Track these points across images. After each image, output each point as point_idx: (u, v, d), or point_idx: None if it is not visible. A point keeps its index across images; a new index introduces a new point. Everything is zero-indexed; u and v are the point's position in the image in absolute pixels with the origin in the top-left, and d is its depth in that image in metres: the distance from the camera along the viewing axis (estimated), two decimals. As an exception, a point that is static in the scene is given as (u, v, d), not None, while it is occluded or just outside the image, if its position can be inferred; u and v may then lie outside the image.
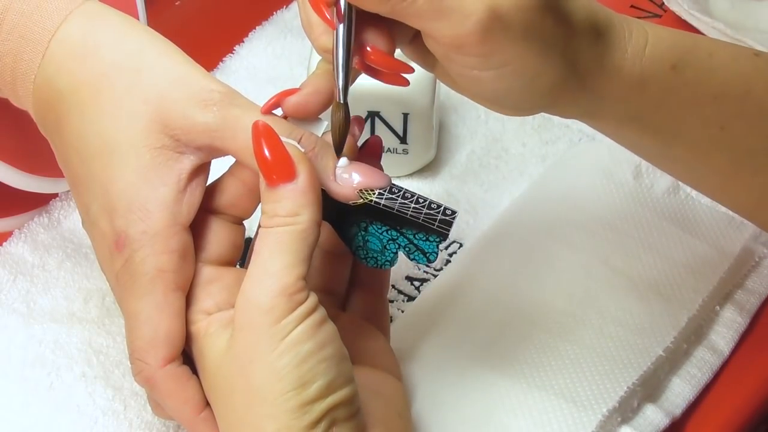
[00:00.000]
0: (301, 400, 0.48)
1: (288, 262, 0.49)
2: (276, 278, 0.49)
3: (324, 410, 0.49)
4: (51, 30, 0.54)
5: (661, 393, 0.63)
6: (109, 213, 0.53)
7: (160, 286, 0.52)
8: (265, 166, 0.50)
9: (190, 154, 0.53)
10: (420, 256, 0.56)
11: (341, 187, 0.53)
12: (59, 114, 0.54)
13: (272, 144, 0.50)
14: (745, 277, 0.69)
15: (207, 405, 0.53)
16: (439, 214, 0.54)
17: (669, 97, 0.54)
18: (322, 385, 0.48)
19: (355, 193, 0.53)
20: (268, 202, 0.51)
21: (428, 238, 0.55)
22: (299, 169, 0.50)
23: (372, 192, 0.53)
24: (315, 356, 0.49)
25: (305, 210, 0.50)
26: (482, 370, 0.62)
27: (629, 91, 0.53)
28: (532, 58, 0.50)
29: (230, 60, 0.86)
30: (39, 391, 0.63)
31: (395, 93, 0.71)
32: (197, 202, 0.53)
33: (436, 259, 0.56)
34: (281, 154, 0.50)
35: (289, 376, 0.48)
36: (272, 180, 0.50)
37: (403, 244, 0.55)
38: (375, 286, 0.61)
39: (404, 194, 0.54)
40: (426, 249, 0.56)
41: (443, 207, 0.55)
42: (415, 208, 0.54)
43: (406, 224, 0.55)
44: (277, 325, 0.48)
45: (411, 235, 0.55)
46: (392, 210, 0.54)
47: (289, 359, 0.48)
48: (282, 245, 0.50)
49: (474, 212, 0.74)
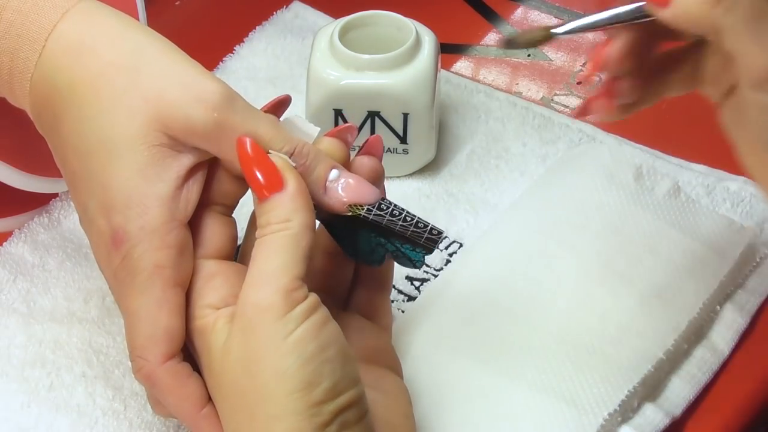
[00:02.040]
0: (309, 402, 0.48)
1: (283, 263, 0.50)
2: (272, 278, 0.49)
3: (334, 412, 0.49)
4: (48, 28, 0.54)
5: (661, 392, 0.63)
6: (106, 210, 0.53)
7: (158, 282, 0.52)
8: (254, 181, 0.51)
9: (188, 153, 0.53)
10: (406, 261, 0.57)
11: (331, 200, 0.54)
12: (56, 112, 0.54)
13: (258, 159, 0.51)
14: (746, 277, 0.69)
15: (209, 402, 0.53)
16: (425, 233, 0.55)
17: None
18: (328, 386, 0.48)
19: (345, 207, 0.54)
20: (261, 214, 0.51)
21: (415, 249, 0.56)
22: (286, 177, 0.51)
23: (361, 207, 0.54)
24: (319, 357, 0.49)
25: (296, 215, 0.51)
26: (482, 372, 0.62)
27: None
28: None
29: (230, 60, 0.86)
30: (39, 391, 0.63)
31: (395, 93, 0.72)
32: (195, 199, 0.54)
33: (422, 266, 0.57)
34: (268, 168, 0.51)
35: (294, 377, 0.48)
36: (263, 195, 0.51)
37: (391, 250, 0.56)
38: (378, 282, 0.61)
39: (392, 211, 0.55)
40: (412, 257, 0.57)
41: (430, 227, 0.56)
42: (402, 225, 0.55)
43: (394, 236, 0.55)
44: (276, 323, 0.49)
45: (398, 244, 0.56)
46: (380, 224, 0.54)
47: (294, 360, 0.48)
48: (276, 249, 0.50)
49: (474, 212, 0.74)
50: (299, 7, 0.90)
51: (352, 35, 0.74)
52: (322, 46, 0.74)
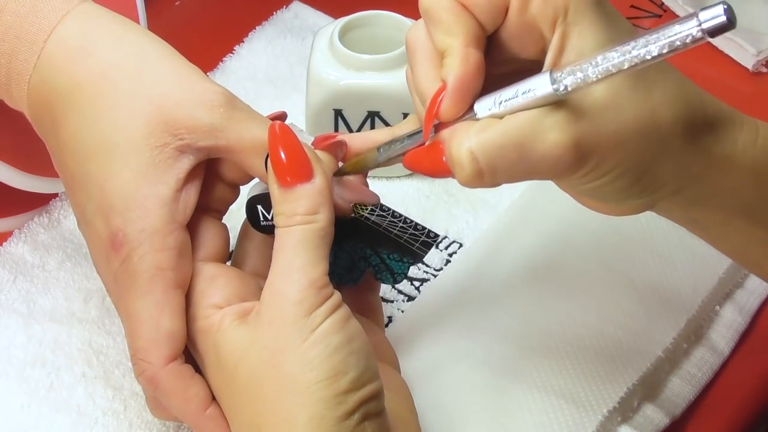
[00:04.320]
0: (334, 390, 0.49)
1: (312, 258, 0.50)
2: (303, 272, 0.50)
3: (357, 402, 0.49)
4: (47, 30, 0.54)
5: (661, 392, 0.64)
6: (105, 212, 0.53)
7: (159, 284, 0.52)
8: (281, 168, 0.51)
9: (190, 154, 0.53)
10: (387, 276, 0.58)
11: (337, 199, 0.54)
12: (55, 114, 0.54)
13: (290, 145, 0.51)
14: (745, 276, 0.69)
15: (213, 402, 0.53)
16: (422, 236, 0.56)
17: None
18: (353, 376, 0.49)
19: (350, 207, 0.54)
20: (285, 202, 0.51)
21: (402, 259, 0.56)
22: (316, 170, 0.51)
23: (365, 207, 0.54)
24: (345, 348, 0.49)
25: (323, 209, 0.51)
26: (482, 371, 0.62)
27: (741, 180, 0.51)
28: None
29: (230, 60, 0.86)
30: (39, 391, 0.63)
31: (395, 93, 0.71)
32: (193, 201, 0.54)
33: (402, 281, 0.57)
34: (299, 155, 0.51)
35: (320, 366, 0.49)
36: (286, 181, 0.51)
37: (374, 263, 0.57)
38: (367, 284, 0.61)
39: (393, 213, 0.56)
40: (395, 269, 0.57)
41: (427, 230, 0.57)
42: (401, 227, 0.56)
43: (384, 244, 0.56)
44: (307, 317, 0.49)
45: (385, 254, 0.56)
46: (379, 227, 0.55)
47: (320, 350, 0.49)
48: (304, 242, 0.50)
49: (474, 212, 0.74)
50: (299, 7, 0.90)
51: (352, 35, 0.74)
52: (322, 46, 0.74)
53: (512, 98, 0.47)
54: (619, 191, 0.49)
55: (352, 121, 0.73)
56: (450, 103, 0.49)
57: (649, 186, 0.50)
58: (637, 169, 0.48)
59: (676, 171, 0.50)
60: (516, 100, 0.47)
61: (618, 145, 0.47)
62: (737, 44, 0.86)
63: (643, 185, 0.49)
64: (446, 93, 0.49)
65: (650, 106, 0.48)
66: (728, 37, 0.86)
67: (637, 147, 0.48)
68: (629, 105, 0.47)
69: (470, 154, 0.47)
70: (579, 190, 0.51)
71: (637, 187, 0.49)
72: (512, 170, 0.47)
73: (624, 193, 0.50)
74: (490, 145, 0.47)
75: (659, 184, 0.50)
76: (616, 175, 0.48)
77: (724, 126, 0.51)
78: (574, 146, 0.46)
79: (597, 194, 0.50)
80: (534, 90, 0.46)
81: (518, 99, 0.47)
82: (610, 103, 0.47)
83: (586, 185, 0.49)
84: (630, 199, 0.51)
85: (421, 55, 0.51)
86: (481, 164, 0.47)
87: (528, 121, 0.46)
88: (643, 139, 0.48)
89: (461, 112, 0.49)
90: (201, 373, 0.54)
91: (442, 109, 0.49)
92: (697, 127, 0.50)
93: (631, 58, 0.43)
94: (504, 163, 0.47)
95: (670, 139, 0.49)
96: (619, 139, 0.47)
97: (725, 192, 0.52)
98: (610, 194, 0.50)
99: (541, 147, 0.46)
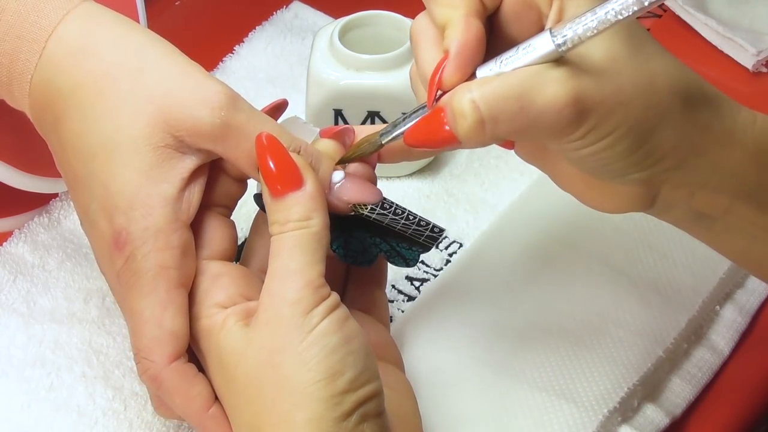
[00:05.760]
0: (332, 391, 0.49)
1: (308, 260, 0.51)
2: (299, 274, 0.50)
3: (355, 402, 0.49)
4: (48, 30, 0.54)
5: (662, 392, 0.64)
6: (108, 211, 0.53)
7: (162, 283, 0.52)
8: (270, 177, 0.52)
9: (192, 155, 0.53)
10: (400, 261, 0.57)
11: (335, 200, 0.54)
12: (57, 113, 0.54)
13: (278, 155, 0.52)
14: (745, 276, 0.69)
15: (215, 401, 0.53)
16: (426, 231, 0.56)
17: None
18: (351, 377, 0.49)
19: (348, 207, 0.54)
20: (278, 211, 0.52)
21: (411, 248, 0.56)
22: (306, 176, 0.52)
23: (364, 206, 0.54)
24: (343, 348, 0.49)
25: (316, 214, 0.51)
26: (482, 371, 0.62)
27: (744, 161, 0.51)
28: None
29: (230, 60, 0.86)
30: (39, 391, 0.63)
31: (395, 93, 0.71)
32: (197, 200, 0.54)
33: (414, 265, 0.57)
34: (288, 164, 0.52)
35: (318, 367, 0.49)
36: (277, 190, 0.52)
37: (385, 249, 0.57)
38: (373, 278, 0.61)
39: (395, 210, 0.55)
40: (407, 256, 0.57)
41: (432, 224, 0.56)
42: (404, 224, 0.56)
43: (391, 235, 0.56)
44: (304, 317, 0.49)
45: (394, 243, 0.56)
46: (382, 224, 0.55)
47: (318, 350, 0.49)
48: (299, 246, 0.51)
49: (474, 212, 0.74)
50: (299, 7, 0.90)
51: (351, 35, 0.74)
52: (322, 46, 0.74)
53: (513, 56, 0.48)
54: (620, 158, 0.49)
55: (352, 121, 0.73)
56: (452, 70, 0.49)
57: (650, 155, 0.50)
58: (636, 133, 0.49)
59: (677, 141, 0.50)
60: (517, 57, 0.48)
61: (618, 105, 0.48)
62: (737, 44, 0.86)
63: (644, 153, 0.49)
64: (448, 60, 0.49)
65: (649, 73, 0.48)
66: (728, 36, 0.86)
67: (636, 109, 0.48)
68: (628, 69, 0.48)
69: (472, 103, 0.47)
70: (581, 162, 0.51)
71: (639, 155, 0.49)
72: (513, 122, 0.47)
73: (625, 161, 0.50)
74: (491, 95, 0.47)
75: (660, 155, 0.50)
76: (616, 137, 0.48)
77: (722, 104, 0.51)
78: (575, 100, 0.47)
79: (598, 165, 0.50)
80: (534, 46, 0.47)
81: (518, 56, 0.48)
82: (609, 66, 0.47)
83: (586, 149, 0.49)
84: (631, 172, 0.50)
85: (425, 41, 0.51)
86: (482, 112, 0.47)
87: (529, 74, 0.47)
88: (642, 102, 0.48)
89: (464, 78, 0.49)
90: (204, 372, 0.54)
91: (444, 75, 0.49)
92: (695, 100, 0.50)
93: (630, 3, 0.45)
94: (505, 113, 0.47)
95: (669, 106, 0.49)
96: (618, 99, 0.48)
97: (727, 173, 0.52)
98: (611, 162, 0.50)
99: (542, 99, 0.47)
